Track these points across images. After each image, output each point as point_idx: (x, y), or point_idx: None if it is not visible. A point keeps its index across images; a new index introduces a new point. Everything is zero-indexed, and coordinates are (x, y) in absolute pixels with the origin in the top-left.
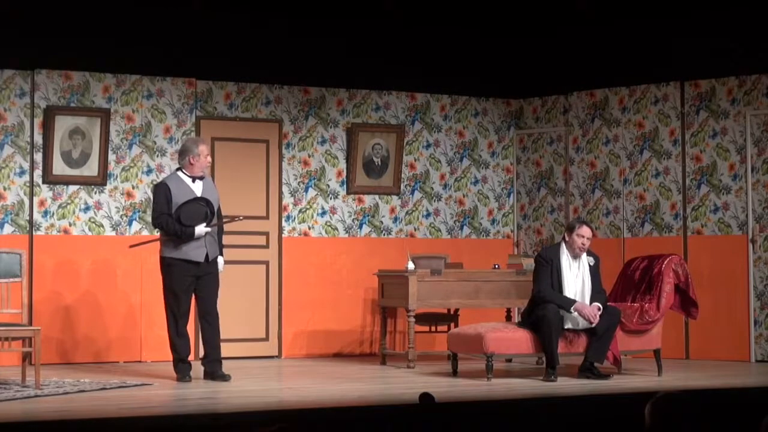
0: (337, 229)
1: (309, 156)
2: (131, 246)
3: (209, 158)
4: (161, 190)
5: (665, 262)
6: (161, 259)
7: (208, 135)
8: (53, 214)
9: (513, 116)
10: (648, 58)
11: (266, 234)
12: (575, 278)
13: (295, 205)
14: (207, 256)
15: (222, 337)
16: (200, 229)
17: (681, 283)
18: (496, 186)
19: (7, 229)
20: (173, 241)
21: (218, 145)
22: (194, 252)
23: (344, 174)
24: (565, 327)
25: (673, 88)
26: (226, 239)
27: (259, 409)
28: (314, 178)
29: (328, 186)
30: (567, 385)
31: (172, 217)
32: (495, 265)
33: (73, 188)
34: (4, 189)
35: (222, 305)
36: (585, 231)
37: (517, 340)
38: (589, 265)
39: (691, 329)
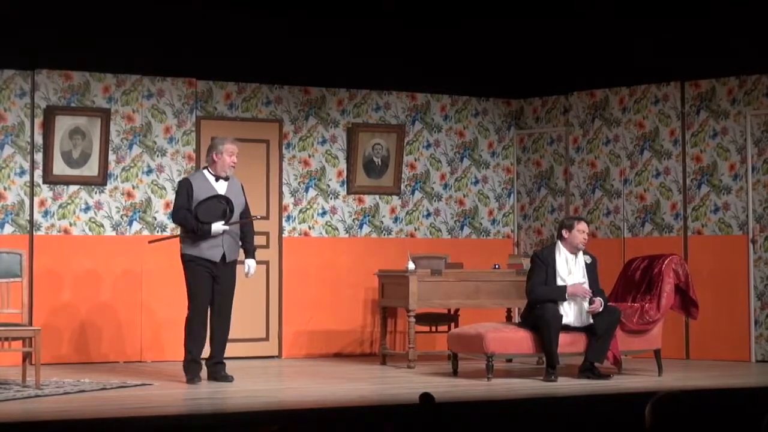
0: (337, 229)
1: (309, 156)
2: (150, 242)
3: (233, 158)
4: (183, 186)
5: (665, 262)
6: (181, 256)
7: (209, 135)
8: (53, 214)
9: (513, 116)
10: (648, 58)
11: (266, 234)
12: (571, 277)
13: (295, 205)
14: (224, 257)
15: None
16: (217, 226)
17: (681, 283)
18: (496, 186)
19: (8, 229)
20: (191, 239)
21: None
22: (210, 251)
23: (344, 174)
24: (564, 322)
25: (673, 88)
26: None
27: (259, 409)
28: (314, 178)
29: (329, 186)
30: (567, 385)
31: (191, 213)
32: (495, 265)
33: (73, 188)
34: (5, 189)
35: None
36: (584, 226)
37: (518, 340)
38: (586, 263)
39: (691, 329)
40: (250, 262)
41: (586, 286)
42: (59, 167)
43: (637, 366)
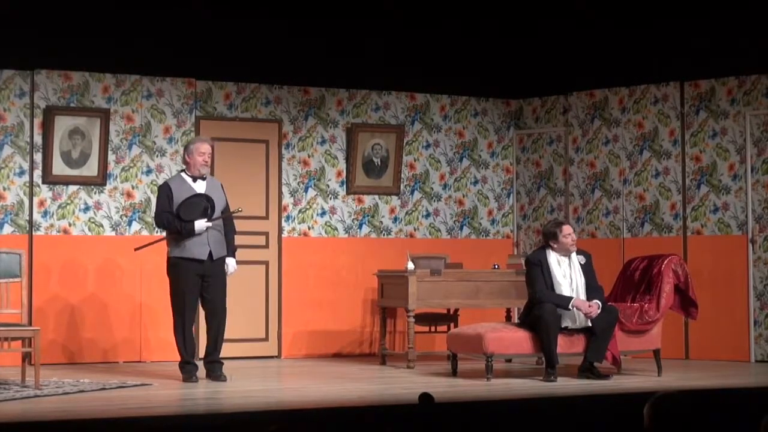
0: (336, 229)
1: (309, 156)
2: (136, 249)
3: (204, 157)
4: (163, 190)
5: (665, 262)
6: (167, 259)
7: (208, 135)
8: (53, 214)
9: (513, 116)
10: (648, 58)
11: (266, 234)
12: (565, 278)
13: (294, 205)
14: (211, 254)
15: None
16: (200, 223)
17: (680, 283)
18: (495, 186)
19: (7, 229)
20: (176, 240)
21: (218, 145)
22: (197, 250)
23: (344, 174)
24: (563, 326)
25: (672, 88)
26: None
27: (259, 409)
28: (314, 178)
29: (328, 186)
30: (567, 385)
31: (172, 214)
32: (495, 265)
33: (72, 188)
34: (4, 189)
35: None
36: (568, 229)
37: (517, 340)
38: (581, 264)
39: (690, 329)
40: (230, 261)
41: (584, 285)
42: (59, 167)
43: (637, 366)
